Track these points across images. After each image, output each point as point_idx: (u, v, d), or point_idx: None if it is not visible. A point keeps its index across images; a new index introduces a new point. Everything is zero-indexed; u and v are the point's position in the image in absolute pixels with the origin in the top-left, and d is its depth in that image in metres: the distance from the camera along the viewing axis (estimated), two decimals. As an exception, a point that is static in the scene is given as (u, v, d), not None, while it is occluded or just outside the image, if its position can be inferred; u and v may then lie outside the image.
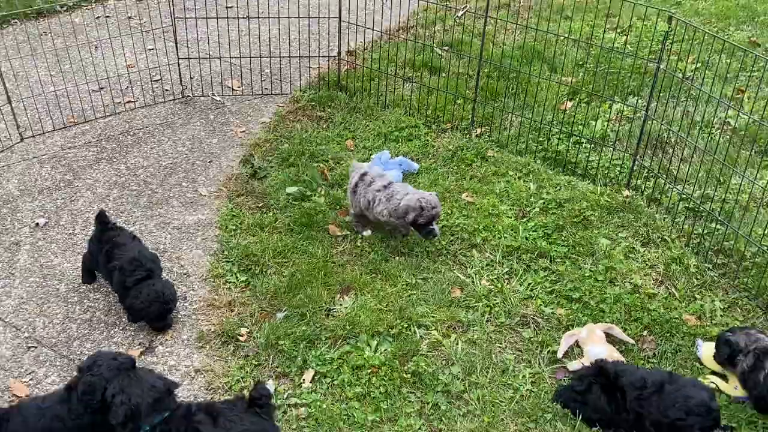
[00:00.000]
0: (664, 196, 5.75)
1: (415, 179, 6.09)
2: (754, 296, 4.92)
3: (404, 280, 5.09)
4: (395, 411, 4.22)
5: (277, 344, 4.58)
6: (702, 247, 5.31)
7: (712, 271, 5.13)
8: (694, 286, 5.03)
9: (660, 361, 4.51)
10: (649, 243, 5.40)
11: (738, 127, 6.52)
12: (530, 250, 5.30)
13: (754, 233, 5.16)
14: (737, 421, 4.15)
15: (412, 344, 4.59)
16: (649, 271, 5.16)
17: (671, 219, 5.57)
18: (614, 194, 5.78)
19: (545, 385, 4.38)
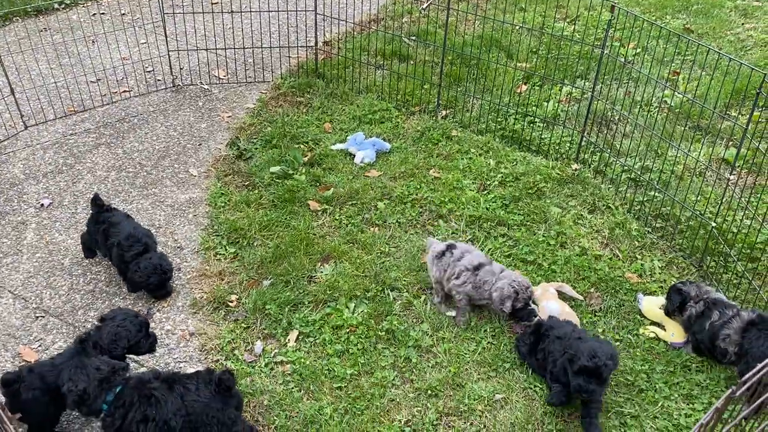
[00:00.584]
0: (609, 168, 5.76)
1: (387, 158, 6.03)
2: (688, 255, 4.96)
3: (379, 248, 5.06)
4: (371, 365, 4.22)
5: (264, 309, 4.55)
6: (642, 213, 5.33)
7: (652, 234, 5.16)
8: (636, 247, 5.06)
9: (605, 315, 4.54)
10: (596, 210, 5.41)
11: (674, 105, 6.53)
12: (490, 219, 5.29)
13: (688, 199, 5.19)
14: (673, 366, 4.20)
15: (386, 305, 4.59)
16: (595, 236, 5.18)
17: (615, 188, 5.58)
18: (564, 168, 5.78)
19: (504, 338, 4.40)
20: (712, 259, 4.83)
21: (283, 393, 4.04)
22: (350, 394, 4.04)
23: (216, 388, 3.48)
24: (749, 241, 4.81)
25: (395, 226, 5.28)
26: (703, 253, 4.85)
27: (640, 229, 5.19)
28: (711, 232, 4.76)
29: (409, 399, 4.03)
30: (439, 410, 3.96)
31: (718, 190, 5.33)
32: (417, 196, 5.53)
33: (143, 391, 3.43)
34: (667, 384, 4.08)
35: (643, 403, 3.98)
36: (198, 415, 3.46)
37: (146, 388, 3.44)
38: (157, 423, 3.40)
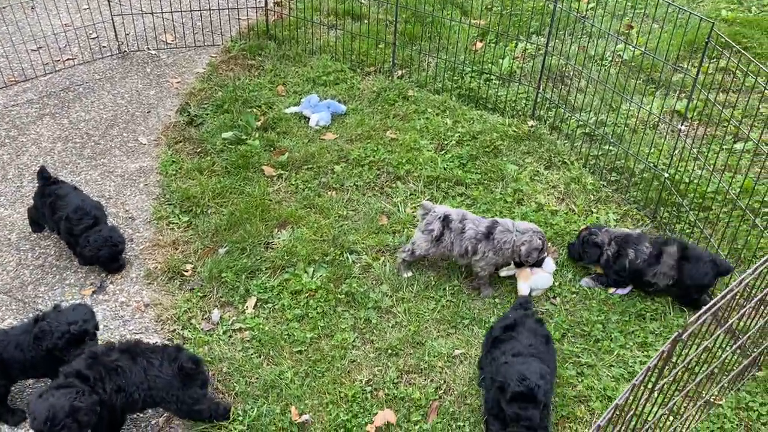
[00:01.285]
0: (564, 123, 5.78)
1: (342, 120, 5.94)
2: (642, 207, 5.04)
3: (336, 212, 5.02)
4: (332, 328, 4.22)
5: (220, 277, 4.49)
6: (597, 167, 5.38)
7: (607, 188, 5.22)
8: (591, 201, 5.12)
9: (561, 269, 4.60)
10: (552, 166, 5.44)
11: (627, 58, 6.55)
12: (448, 179, 5.28)
13: (642, 152, 5.25)
14: (628, 316, 4.28)
15: (345, 268, 4.57)
16: (551, 191, 5.22)
17: (570, 144, 5.61)
18: (521, 125, 5.78)
19: (463, 296, 4.43)
20: (666, 209, 4.92)
21: (243, 359, 4.02)
22: (310, 357, 4.04)
23: (178, 371, 3.46)
24: (701, 190, 4.89)
25: (353, 189, 5.23)
26: (656, 204, 4.93)
27: (596, 183, 5.24)
28: (664, 183, 4.83)
29: (369, 359, 4.05)
30: (399, 368, 3.99)
31: (670, 141, 5.40)
32: (374, 158, 5.48)
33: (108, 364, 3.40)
34: (622, 333, 4.17)
35: (599, 353, 4.07)
36: (159, 390, 3.45)
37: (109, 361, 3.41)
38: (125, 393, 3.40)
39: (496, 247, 4.33)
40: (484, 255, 4.35)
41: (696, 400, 3.58)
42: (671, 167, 4.93)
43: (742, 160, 5.22)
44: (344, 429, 3.69)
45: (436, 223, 4.40)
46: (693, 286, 4.23)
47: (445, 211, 4.45)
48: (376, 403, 3.81)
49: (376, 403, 3.81)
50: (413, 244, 4.50)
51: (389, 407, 3.78)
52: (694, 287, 4.23)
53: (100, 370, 3.36)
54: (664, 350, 2.33)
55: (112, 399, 3.38)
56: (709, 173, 4.63)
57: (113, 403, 3.39)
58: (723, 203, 4.75)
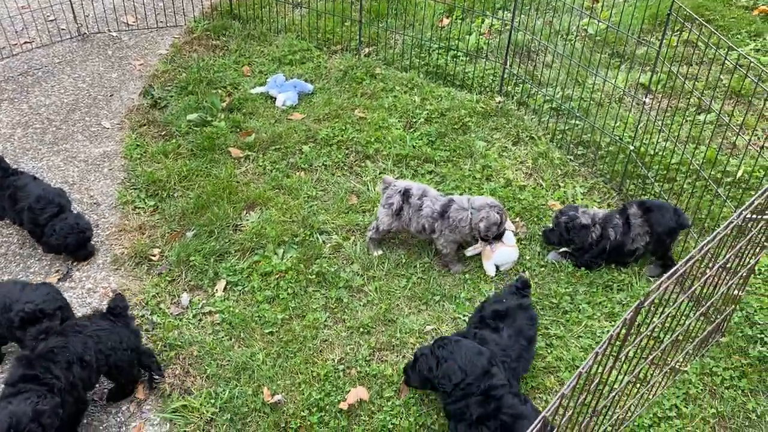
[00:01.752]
0: (531, 99, 5.79)
1: (310, 99, 5.89)
2: (608, 180, 5.09)
3: (305, 192, 4.98)
4: (303, 308, 4.21)
5: (189, 260, 4.44)
6: (564, 141, 5.41)
7: (573, 162, 5.26)
8: (558, 175, 5.16)
9: (530, 243, 4.64)
10: (519, 142, 5.46)
11: (593, 33, 6.58)
12: (417, 157, 5.27)
13: (608, 125, 5.28)
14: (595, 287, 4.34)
15: (316, 249, 4.55)
16: (519, 167, 5.24)
17: (538, 119, 5.63)
18: (488, 101, 5.78)
19: (433, 273, 4.45)
20: (632, 182, 4.97)
21: (213, 342, 4.00)
22: (282, 338, 4.04)
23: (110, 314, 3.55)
24: (665, 162, 4.95)
25: (322, 169, 5.20)
26: (622, 176, 4.98)
27: (563, 157, 5.27)
28: (629, 155, 4.88)
29: (341, 338, 4.06)
30: (371, 346, 4.01)
31: (636, 114, 5.44)
32: (342, 137, 5.44)
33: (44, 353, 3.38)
34: (590, 304, 4.23)
35: (568, 324, 4.13)
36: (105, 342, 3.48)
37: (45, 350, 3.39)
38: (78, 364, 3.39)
39: (452, 225, 4.34)
40: (442, 233, 4.37)
41: (662, 366, 3.65)
42: (636, 140, 4.98)
43: (706, 131, 5.29)
44: (317, 408, 3.70)
45: (396, 197, 4.41)
46: (664, 233, 4.29)
47: (405, 186, 4.45)
48: (348, 381, 3.82)
49: (349, 381, 3.82)
50: (377, 220, 4.51)
51: (362, 385, 3.80)
52: (666, 233, 4.29)
53: (41, 362, 3.30)
54: (626, 318, 2.37)
55: (69, 378, 3.33)
56: (673, 145, 4.69)
57: (74, 385, 3.35)
58: (687, 174, 4.82)
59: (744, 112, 5.46)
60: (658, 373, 3.64)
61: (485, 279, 4.42)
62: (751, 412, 3.71)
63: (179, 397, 3.77)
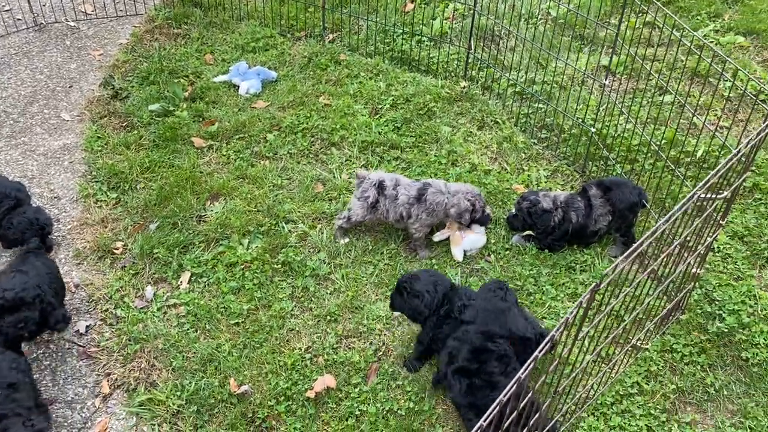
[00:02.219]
0: (496, 83, 5.80)
1: (274, 87, 5.83)
2: (571, 162, 5.14)
3: (270, 181, 4.95)
4: (269, 298, 4.20)
5: (152, 253, 4.40)
6: (528, 125, 5.44)
7: (537, 145, 5.30)
8: (523, 159, 5.19)
9: (495, 226, 4.67)
10: (484, 126, 5.47)
11: (557, 15, 6.59)
12: (383, 143, 5.26)
13: (570, 108, 5.32)
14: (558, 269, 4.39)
15: (281, 238, 4.53)
16: (484, 151, 5.26)
17: (502, 103, 5.65)
18: (453, 86, 5.77)
19: (400, 259, 4.46)
20: (594, 163, 5.02)
21: (179, 335, 3.98)
22: (248, 328, 4.02)
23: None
24: (627, 144, 5.01)
25: (287, 158, 5.16)
26: (585, 159, 5.03)
27: (527, 141, 5.31)
28: (591, 138, 4.93)
29: (308, 327, 4.06)
30: (338, 334, 4.02)
31: (598, 97, 5.49)
32: (308, 124, 5.41)
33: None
34: (553, 286, 4.28)
35: (532, 306, 4.18)
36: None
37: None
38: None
39: (429, 208, 4.36)
40: (418, 217, 4.38)
41: (624, 345, 3.72)
42: (598, 122, 5.02)
43: (667, 112, 5.35)
44: (284, 397, 3.70)
45: (371, 190, 4.40)
46: (626, 209, 4.34)
47: (379, 178, 4.44)
48: (315, 369, 3.83)
49: (316, 369, 3.83)
50: (349, 210, 4.49)
51: (329, 372, 3.81)
52: (628, 209, 4.34)
53: None
54: (581, 301, 2.40)
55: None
56: (633, 126, 4.74)
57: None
58: (647, 155, 4.89)
59: (700, 92, 5.54)
60: (620, 351, 3.71)
61: (452, 264, 4.45)
62: (710, 387, 3.80)
63: (145, 390, 3.74)
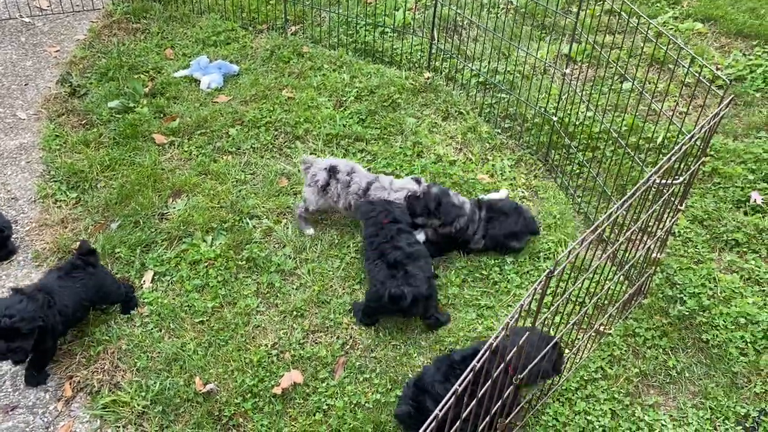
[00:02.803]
0: (459, 74, 5.82)
1: (236, 81, 5.77)
2: (535, 152, 5.18)
3: (233, 177, 4.91)
4: (234, 295, 4.17)
5: (114, 253, 4.34)
6: (492, 115, 5.47)
7: (501, 135, 5.33)
8: (487, 149, 5.21)
9: (460, 217, 4.70)
10: (449, 117, 5.49)
11: (518, 5, 6.63)
12: (348, 136, 5.25)
13: (533, 98, 5.36)
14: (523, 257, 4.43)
15: (245, 234, 4.50)
16: (449, 142, 5.28)
17: (466, 94, 5.67)
18: (417, 77, 5.78)
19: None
20: (557, 152, 5.07)
21: (142, 335, 3.93)
22: (213, 326, 3.99)
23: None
24: (588, 131, 5.06)
25: (250, 152, 5.12)
26: (548, 147, 5.08)
27: (491, 131, 5.33)
28: (554, 126, 4.97)
29: (274, 323, 4.04)
30: (305, 329, 4.00)
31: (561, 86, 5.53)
32: (271, 118, 5.37)
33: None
34: (518, 274, 4.32)
35: (498, 294, 4.21)
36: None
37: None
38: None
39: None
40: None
41: (587, 330, 3.77)
42: (560, 111, 5.07)
43: (627, 99, 5.41)
44: (251, 394, 3.68)
45: (321, 174, 4.38)
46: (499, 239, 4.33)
47: (331, 162, 4.42)
48: (282, 366, 3.82)
49: (283, 366, 3.82)
50: (305, 200, 4.48)
51: (296, 368, 3.80)
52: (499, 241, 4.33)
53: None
54: (535, 288, 2.42)
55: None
56: (594, 114, 4.79)
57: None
58: (608, 142, 4.95)
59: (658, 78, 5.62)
60: (583, 337, 3.76)
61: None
62: (672, 369, 3.87)
63: (109, 392, 3.69)
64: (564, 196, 4.84)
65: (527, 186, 4.94)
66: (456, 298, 4.19)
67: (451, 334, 3.99)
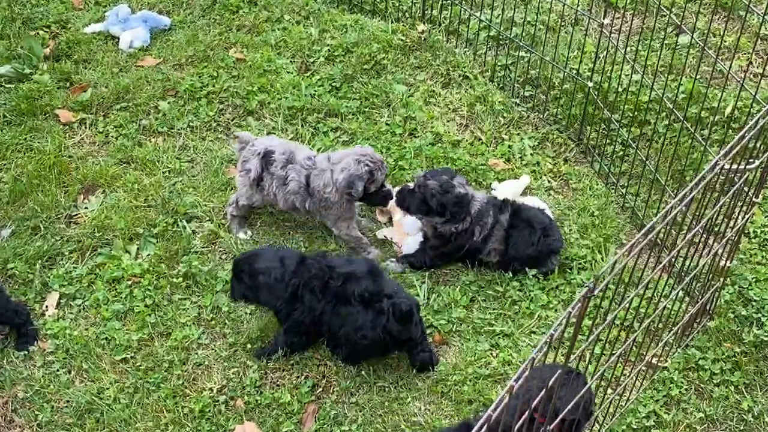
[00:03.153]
0: (464, 26, 5.82)
1: (167, 38, 5.76)
2: (564, 128, 5.19)
3: (165, 165, 4.94)
4: (167, 324, 4.20)
5: (6, 269, 4.37)
6: (508, 80, 5.48)
7: (520, 106, 5.35)
8: (501, 125, 5.23)
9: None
10: (451, 83, 5.50)
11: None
12: (317, 109, 5.25)
13: (561, 57, 5.37)
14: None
15: (182, 242, 4.53)
16: (452, 116, 5.29)
17: (473, 52, 5.67)
18: (408, 31, 5.78)
19: (342, 263, 4.45)
20: (593, 128, 5.09)
21: (46, 378, 3.97)
22: (140, 366, 4.02)
23: None
24: (634, 101, 5.06)
25: (187, 133, 5.14)
26: (581, 122, 5.09)
27: (506, 101, 5.35)
28: (589, 94, 4.98)
29: (221, 359, 4.07)
30: (262, 367, 4.04)
31: (598, 41, 5.53)
32: (214, 87, 5.39)
33: None
34: (543, 290, 4.34)
35: (517, 318, 4.24)
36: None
37: None
38: None
39: (322, 201, 4.33)
40: (320, 214, 4.42)
41: (635, 363, 3.77)
42: (597, 74, 5.08)
43: (687, 57, 5.42)
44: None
45: (253, 161, 4.37)
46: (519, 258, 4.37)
47: (267, 145, 4.40)
48: (233, 416, 3.85)
49: (234, 416, 3.85)
50: (237, 191, 4.55)
51: (251, 419, 3.82)
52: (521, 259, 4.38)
53: None
54: (570, 312, 2.41)
55: None
56: (642, 76, 4.79)
57: None
58: (661, 115, 4.95)
59: (724, 30, 5.64)
60: (631, 372, 3.76)
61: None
62: (747, 413, 3.90)
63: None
64: (603, 186, 4.85)
65: (555, 173, 4.95)
66: (463, 322, 4.19)
67: (457, 371, 4.00)
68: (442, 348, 4.13)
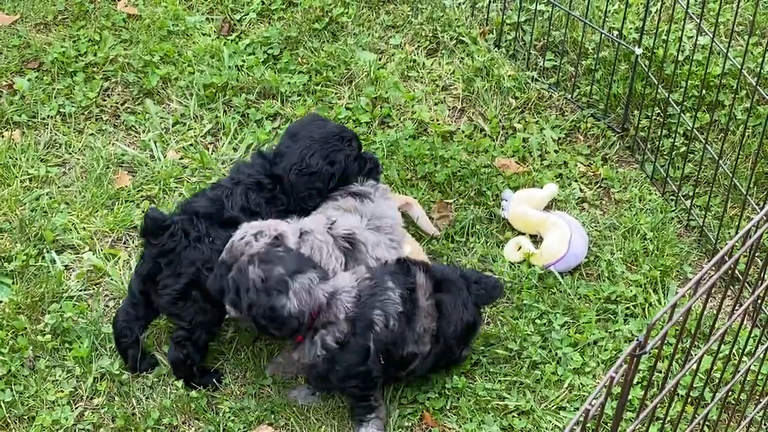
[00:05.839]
0: (457, -35, 5.90)
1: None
2: (602, 114, 5.25)
3: (25, 171, 4.98)
4: (30, 403, 4.20)
5: None
6: (521, 45, 5.55)
7: (539, 83, 5.41)
8: (512, 109, 5.30)
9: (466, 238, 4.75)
10: (439, 50, 5.57)
11: None
12: (247, 88, 5.34)
13: (597, 12, 5.44)
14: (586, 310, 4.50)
15: (51, 283, 4.55)
16: (441, 96, 5.35)
17: (471, 4, 5.72)
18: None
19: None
20: (643, 112, 5.15)
21: None
22: (-11, 466, 4.00)
23: None
24: (700, 75, 5.14)
25: (56, 123, 5.21)
26: (626, 105, 5.15)
27: (518, 75, 5.41)
28: (636, 66, 5.05)
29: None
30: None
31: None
32: (96, 57, 5.44)
33: None
34: (576, 347, 4.38)
35: (539, 387, 4.27)
36: None
37: None
38: None
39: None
40: None
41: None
42: (647, 36, 5.15)
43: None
44: None
45: None
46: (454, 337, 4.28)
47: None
48: None
49: None
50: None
51: None
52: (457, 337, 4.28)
53: None
54: (611, 377, 2.45)
55: None
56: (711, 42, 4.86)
57: None
58: (738, 95, 5.02)
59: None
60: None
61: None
62: None
63: None
64: (659, 196, 4.92)
65: (590, 179, 5.02)
66: (461, 395, 4.22)
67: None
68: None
